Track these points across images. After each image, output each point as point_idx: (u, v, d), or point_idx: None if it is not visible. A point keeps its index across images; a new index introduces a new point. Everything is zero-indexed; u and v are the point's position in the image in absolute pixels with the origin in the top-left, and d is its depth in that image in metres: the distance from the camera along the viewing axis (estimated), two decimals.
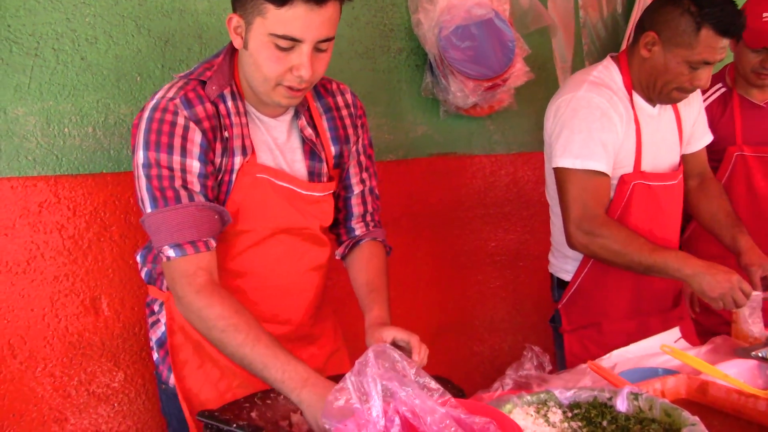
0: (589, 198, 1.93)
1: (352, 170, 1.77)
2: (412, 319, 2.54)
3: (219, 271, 1.55)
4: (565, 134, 1.94)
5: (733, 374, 1.62)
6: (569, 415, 1.32)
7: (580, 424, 1.30)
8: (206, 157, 1.49)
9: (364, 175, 1.79)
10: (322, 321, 1.81)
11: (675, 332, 2.09)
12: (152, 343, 1.73)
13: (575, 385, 1.78)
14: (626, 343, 2.05)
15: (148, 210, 1.47)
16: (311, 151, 1.67)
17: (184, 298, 1.45)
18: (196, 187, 1.47)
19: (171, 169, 1.46)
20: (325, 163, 1.69)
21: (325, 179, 1.69)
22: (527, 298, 2.87)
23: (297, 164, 1.66)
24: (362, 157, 1.79)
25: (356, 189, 1.78)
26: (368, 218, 1.80)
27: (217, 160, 1.52)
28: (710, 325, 2.35)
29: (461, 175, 2.65)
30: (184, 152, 1.46)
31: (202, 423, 1.41)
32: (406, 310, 2.53)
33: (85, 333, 2.02)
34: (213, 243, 1.49)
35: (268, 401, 1.54)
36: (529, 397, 1.36)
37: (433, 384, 1.17)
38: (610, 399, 1.33)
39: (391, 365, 1.19)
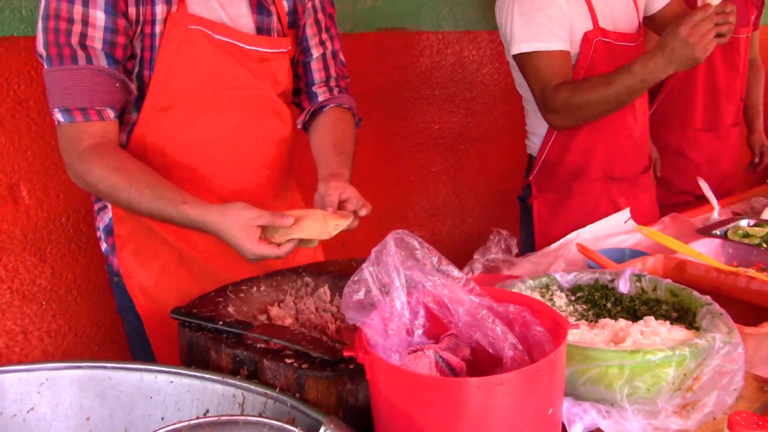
0: (545, 77, 1.92)
1: (309, 30, 1.60)
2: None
3: (162, 147, 1.42)
4: (509, 23, 1.95)
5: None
6: (572, 298, 1.29)
7: (584, 306, 1.27)
8: (114, 8, 1.32)
9: (324, 36, 1.62)
10: (290, 207, 1.67)
11: (625, 213, 2.13)
12: (99, 232, 1.53)
13: (546, 268, 1.78)
14: (594, 206, 2.09)
15: (45, 67, 1.33)
16: (258, 3, 1.48)
17: (70, 165, 1.35)
18: (98, 44, 1.32)
19: (71, 21, 1.30)
20: (275, 17, 1.51)
21: (276, 35, 1.51)
22: (466, 182, 2.83)
23: (242, 19, 1.47)
24: (320, 15, 1.61)
25: (316, 52, 1.61)
26: (332, 83, 1.64)
27: (132, 10, 1.35)
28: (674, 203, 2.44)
29: (408, 52, 2.49)
30: (86, 1, 1.30)
31: (176, 321, 1.27)
32: None
33: (3, 224, 1.77)
34: (110, 113, 1.36)
35: (242, 294, 1.41)
36: (531, 282, 1.31)
37: (456, 272, 1.08)
38: (612, 281, 1.31)
39: (410, 253, 1.08)
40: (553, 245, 1.93)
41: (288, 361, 1.09)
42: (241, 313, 1.37)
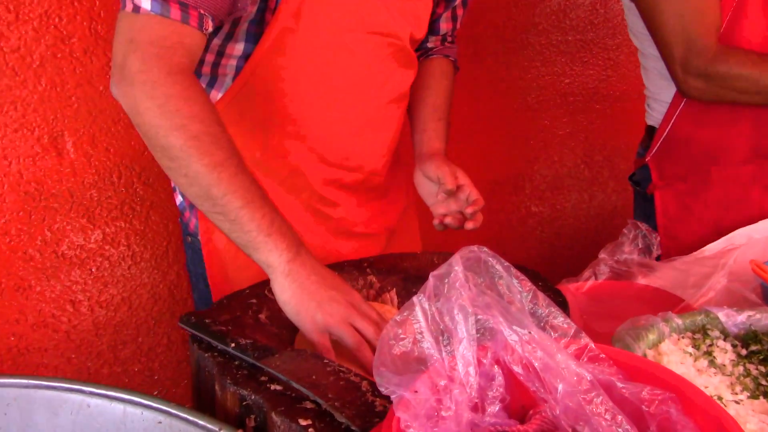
0: (692, 26, 1.40)
1: None
2: (462, 169, 2.05)
3: (272, 93, 1.13)
4: None
5: None
6: (743, 352, 0.86)
7: (762, 369, 0.83)
8: None
9: None
10: (394, 170, 1.37)
11: None
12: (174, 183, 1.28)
13: (699, 281, 1.33)
14: (742, 197, 1.58)
15: None
16: None
17: (144, 72, 0.93)
18: None
19: None
20: None
21: None
22: (600, 150, 2.35)
23: None
24: None
25: (455, 2, 1.35)
26: (448, 36, 1.41)
27: None
28: None
29: None
30: None
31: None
32: (457, 156, 2.03)
33: (46, 181, 1.55)
34: (209, 25, 1.00)
35: None
36: (679, 321, 0.89)
37: (560, 318, 0.70)
38: None
39: (489, 282, 0.71)
40: (711, 247, 1.45)
41: (303, 422, 0.76)
42: (276, 321, 1.05)
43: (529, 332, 0.65)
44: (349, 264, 1.19)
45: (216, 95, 1.17)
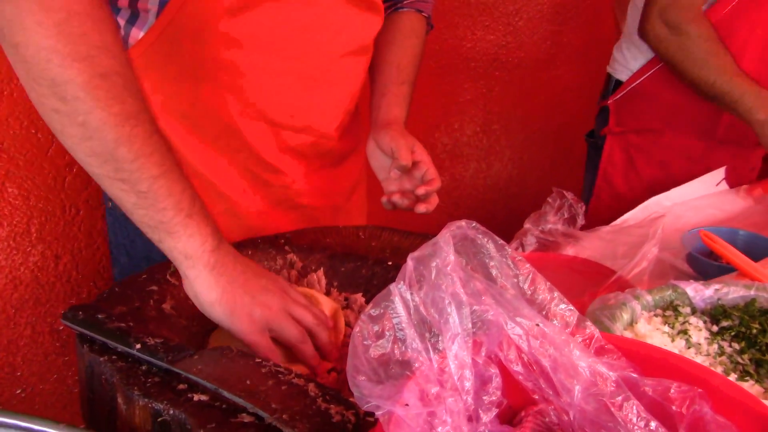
0: None
1: None
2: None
3: (196, 39, 0.94)
4: None
5: None
6: (714, 329, 0.80)
7: (737, 346, 0.78)
8: None
9: None
10: (353, 135, 1.20)
11: (718, 174, 1.63)
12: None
13: (628, 251, 1.29)
14: (684, 167, 1.60)
15: None
16: None
17: None
18: None
19: None
20: None
21: None
22: (497, 118, 2.30)
23: None
24: None
25: None
26: None
27: None
28: None
29: None
30: None
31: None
32: None
33: None
34: None
35: None
36: (649, 297, 0.82)
37: (563, 305, 0.59)
38: None
39: (477, 263, 0.58)
40: (628, 216, 1.43)
41: None
42: (185, 312, 0.88)
43: (537, 324, 0.54)
44: (263, 240, 1.03)
45: (137, 34, 0.96)
